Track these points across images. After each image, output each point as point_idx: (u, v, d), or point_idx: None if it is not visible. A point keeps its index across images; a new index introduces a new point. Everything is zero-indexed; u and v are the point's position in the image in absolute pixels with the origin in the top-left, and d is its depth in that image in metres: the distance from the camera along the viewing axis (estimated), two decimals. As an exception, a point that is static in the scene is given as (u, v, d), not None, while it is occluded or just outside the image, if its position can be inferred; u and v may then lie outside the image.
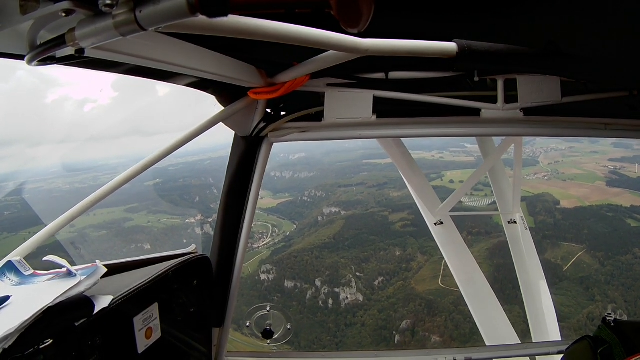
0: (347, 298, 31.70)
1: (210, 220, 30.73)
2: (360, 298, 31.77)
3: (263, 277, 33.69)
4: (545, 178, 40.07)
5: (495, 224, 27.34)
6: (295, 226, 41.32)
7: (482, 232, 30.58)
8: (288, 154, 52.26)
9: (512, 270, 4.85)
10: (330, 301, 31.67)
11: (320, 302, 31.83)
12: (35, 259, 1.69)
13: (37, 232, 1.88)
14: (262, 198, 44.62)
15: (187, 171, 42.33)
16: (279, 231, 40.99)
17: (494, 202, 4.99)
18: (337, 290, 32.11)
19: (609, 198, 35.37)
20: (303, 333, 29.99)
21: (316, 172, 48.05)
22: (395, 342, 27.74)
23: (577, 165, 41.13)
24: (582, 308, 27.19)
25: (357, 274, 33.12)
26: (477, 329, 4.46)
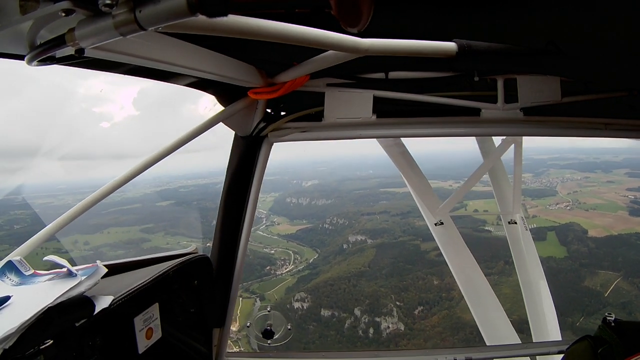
0: (388, 327, 30.57)
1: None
2: (402, 327, 30.75)
3: (296, 305, 32.49)
4: (568, 208, 39.78)
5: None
6: (317, 253, 40.14)
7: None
8: (300, 181, 52.00)
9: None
10: (371, 330, 30.61)
11: (360, 332, 30.76)
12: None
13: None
14: (279, 224, 43.68)
15: (200, 193, 41.53)
16: (301, 258, 39.91)
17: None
18: (377, 319, 31.01)
19: (634, 227, 35.42)
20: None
21: (334, 200, 47.04)
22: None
23: (596, 195, 41.00)
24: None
25: (397, 302, 32.10)
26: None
